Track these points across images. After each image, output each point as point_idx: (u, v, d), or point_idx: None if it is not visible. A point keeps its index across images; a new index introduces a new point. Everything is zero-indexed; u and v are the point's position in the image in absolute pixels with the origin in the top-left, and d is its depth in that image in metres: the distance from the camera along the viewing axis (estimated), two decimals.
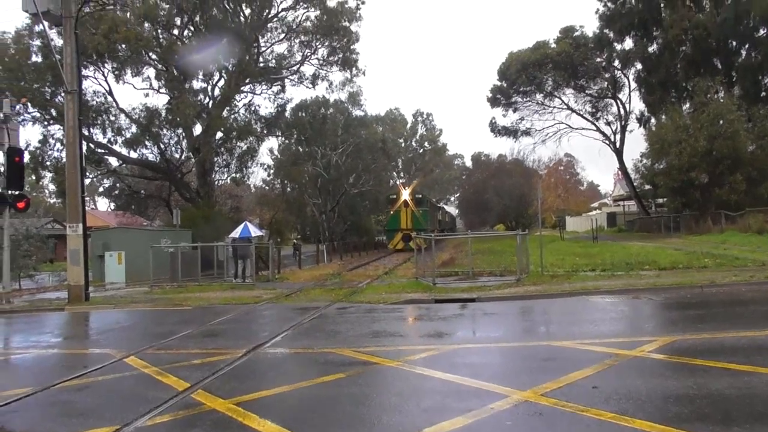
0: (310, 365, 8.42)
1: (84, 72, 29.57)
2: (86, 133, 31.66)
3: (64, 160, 24.14)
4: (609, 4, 46.14)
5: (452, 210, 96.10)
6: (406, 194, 45.99)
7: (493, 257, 25.30)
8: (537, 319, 12.39)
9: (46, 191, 62.04)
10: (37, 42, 32.17)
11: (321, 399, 6.61)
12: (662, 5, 43.87)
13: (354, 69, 41.47)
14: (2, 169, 18.01)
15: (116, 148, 36.98)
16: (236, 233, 23.65)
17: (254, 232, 24.44)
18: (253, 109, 42.14)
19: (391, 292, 16.79)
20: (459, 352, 8.92)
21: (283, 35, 39.13)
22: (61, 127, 31.48)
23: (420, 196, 48.58)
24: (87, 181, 27.47)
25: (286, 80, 41.78)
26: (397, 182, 60.45)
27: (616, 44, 48.37)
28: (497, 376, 7.19)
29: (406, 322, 12.50)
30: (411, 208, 45.09)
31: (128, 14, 32.30)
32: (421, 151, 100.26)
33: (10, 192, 18.10)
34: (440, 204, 76.55)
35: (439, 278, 18.31)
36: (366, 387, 7.10)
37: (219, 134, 38.51)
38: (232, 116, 40.24)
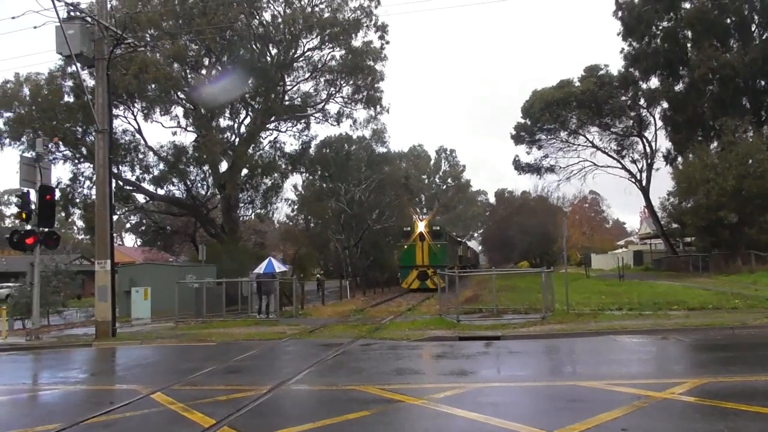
0: (335, 402, 8.40)
1: (114, 111, 30.25)
2: (115, 170, 32.23)
3: (94, 197, 24.58)
4: (634, 43, 46.17)
5: (475, 246, 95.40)
6: (421, 226, 42.61)
7: (518, 294, 25.06)
8: (563, 359, 12.23)
9: (75, 227, 63.18)
10: (69, 83, 33.07)
11: None
12: (688, 45, 43.86)
13: (378, 107, 41.72)
14: (34, 206, 18.31)
15: (144, 185, 37.74)
16: (260, 269, 23.74)
17: (278, 267, 24.52)
18: (278, 146, 42.60)
19: (415, 328, 16.70)
20: (484, 390, 8.84)
21: (308, 74, 39.67)
22: (91, 165, 32.21)
23: (437, 228, 45.24)
24: (114, 218, 27.84)
25: (311, 118, 42.18)
26: (418, 217, 59.41)
27: (641, 83, 48.16)
28: (523, 416, 7.09)
29: (430, 360, 12.42)
30: (427, 242, 41.79)
31: (158, 55, 33.13)
32: (444, 187, 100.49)
33: (40, 229, 18.41)
34: (462, 239, 75.07)
35: (463, 315, 18.18)
36: (390, 425, 7.08)
37: (244, 171, 38.90)
38: (258, 153, 40.67)
